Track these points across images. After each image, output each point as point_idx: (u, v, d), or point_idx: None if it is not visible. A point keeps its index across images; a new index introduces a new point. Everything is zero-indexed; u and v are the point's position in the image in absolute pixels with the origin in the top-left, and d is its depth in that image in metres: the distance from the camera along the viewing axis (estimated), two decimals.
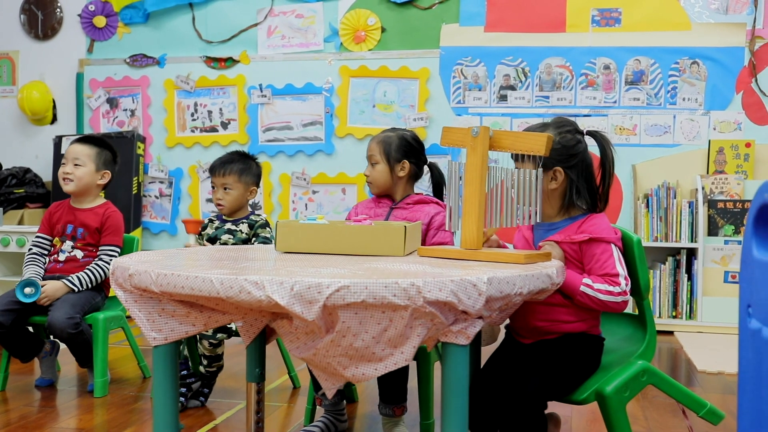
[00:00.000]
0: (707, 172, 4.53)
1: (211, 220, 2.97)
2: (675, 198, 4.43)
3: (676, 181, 4.54)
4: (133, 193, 5.17)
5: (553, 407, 2.65)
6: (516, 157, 1.92)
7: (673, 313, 4.43)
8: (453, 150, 4.47)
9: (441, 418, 1.50)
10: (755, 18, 4.52)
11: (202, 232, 2.94)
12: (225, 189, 2.89)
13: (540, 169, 1.79)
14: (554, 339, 1.92)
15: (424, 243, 2.43)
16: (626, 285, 1.83)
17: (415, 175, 2.56)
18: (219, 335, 2.69)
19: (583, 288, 1.81)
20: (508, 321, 2.05)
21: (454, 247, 1.89)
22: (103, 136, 5.17)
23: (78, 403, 2.81)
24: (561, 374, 1.84)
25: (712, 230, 4.38)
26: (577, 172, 1.91)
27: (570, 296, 1.84)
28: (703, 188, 4.41)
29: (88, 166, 2.97)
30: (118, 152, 3.15)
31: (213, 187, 2.93)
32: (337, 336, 1.39)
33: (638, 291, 1.97)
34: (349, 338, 1.39)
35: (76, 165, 2.96)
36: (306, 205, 5.11)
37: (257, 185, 2.97)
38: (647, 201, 4.48)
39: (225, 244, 2.84)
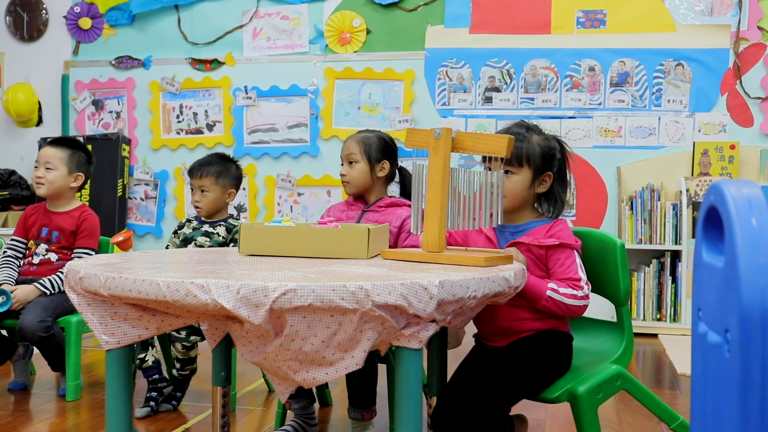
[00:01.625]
0: (692, 174, 4.52)
1: (188, 221, 2.95)
2: (659, 200, 4.42)
3: (660, 183, 4.52)
4: (118, 195, 5.15)
5: (530, 410, 2.64)
6: (484, 159, 1.92)
7: (657, 316, 4.41)
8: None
9: (395, 422, 1.49)
10: (740, 20, 4.51)
11: (178, 231, 2.92)
12: (202, 191, 2.87)
13: (502, 171, 1.78)
14: (523, 338, 1.92)
15: (395, 246, 2.41)
16: (588, 289, 1.84)
17: (390, 177, 2.55)
18: (192, 338, 2.67)
19: (549, 293, 1.82)
20: (475, 329, 2.05)
21: (417, 250, 1.88)
22: (87, 138, 5.17)
23: (50, 407, 2.78)
24: (530, 373, 1.84)
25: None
26: (555, 176, 1.95)
27: (534, 301, 1.84)
28: (687, 190, 4.40)
29: (60, 170, 2.95)
30: (102, 154, 3.13)
31: (191, 189, 2.92)
32: (286, 340, 1.37)
33: (618, 297, 1.96)
34: (298, 342, 1.37)
35: (48, 169, 2.94)
36: (291, 207, 5.10)
37: (236, 188, 2.95)
38: (631, 203, 4.47)
39: (201, 246, 2.82)
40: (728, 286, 1.06)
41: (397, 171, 2.56)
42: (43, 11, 5.51)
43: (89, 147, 5.15)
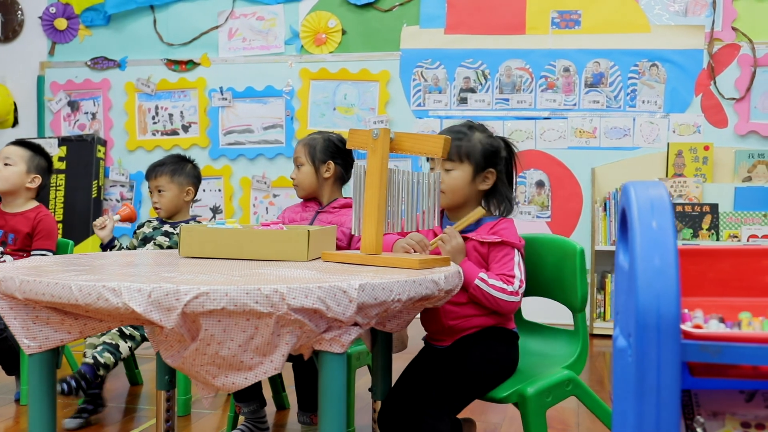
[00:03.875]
0: (666, 176, 4.50)
1: (149, 221, 2.93)
2: None
3: None
4: (93, 196, 5.12)
5: (488, 413, 2.62)
6: (429, 160, 1.92)
7: None
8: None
9: (318, 426, 1.46)
10: (714, 20, 4.50)
11: (137, 231, 2.90)
12: (159, 191, 2.86)
13: (438, 171, 1.76)
14: (468, 336, 1.91)
15: (349, 247, 2.39)
16: (519, 287, 1.84)
17: (341, 178, 2.53)
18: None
19: (477, 282, 1.82)
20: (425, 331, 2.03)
21: (356, 252, 1.85)
22: (62, 139, 5.14)
23: (4, 411, 2.75)
24: (474, 370, 1.83)
25: None
26: (501, 176, 1.95)
27: (464, 287, 1.83)
28: None
29: (18, 166, 2.92)
30: (77, 156, 3.11)
31: (150, 192, 2.90)
32: (202, 344, 1.34)
33: (575, 303, 1.94)
34: (214, 346, 1.35)
35: (6, 164, 2.91)
36: (267, 208, 5.07)
37: (194, 186, 2.93)
38: (605, 205, 4.45)
39: (160, 246, 2.80)
40: (630, 289, 1.04)
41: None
42: (19, 12, 5.48)
43: (64, 148, 5.18)
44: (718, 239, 4.25)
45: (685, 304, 1.26)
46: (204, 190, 5.14)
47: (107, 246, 2.82)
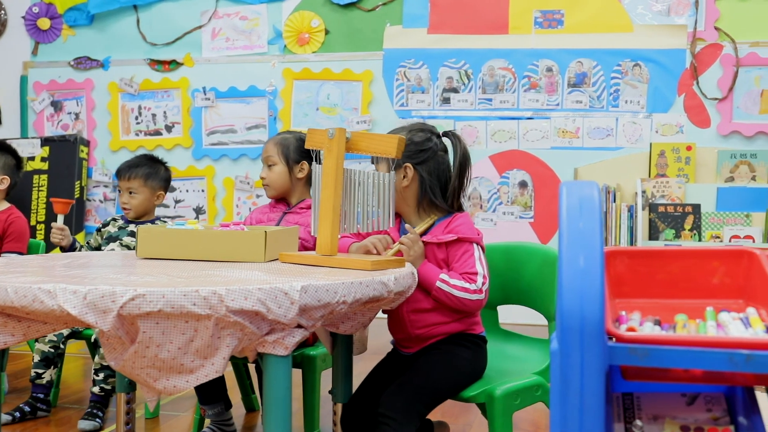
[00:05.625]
0: (649, 176, 4.49)
1: (114, 219, 2.90)
2: (615, 202, 4.38)
3: (616, 184, 4.49)
4: (76, 197, 5.09)
5: (461, 414, 2.60)
6: (373, 160, 1.89)
7: None
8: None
9: (263, 429, 1.44)
10: (696, 20, 4.48)
11: (102, 229, 2.87)
12: (130, 193, 2.82)
13: (393, 172, 1.74)
14: (435, 343, 1.89)
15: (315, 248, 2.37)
16: (483, 284, 1.81)
17: (312, 179, 2.50)
18: None
19: (438, 283, 1.80)
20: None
21: (312, 253, 1.84)
22: (45, 139, 5.12)
23: None
24: (440, 374, 1.81)
25: (653, 234, 4.33)
26: (429, 170, 1.89)
27: (427, 290, 1.82)
28: (644, 192, 4.36)
29: None
30: (59, 156, 3.06)
31: (119, 191, 2.87)
32: (140, 347, 1.33)
33: (551, 311, 1.93)
34: (153, 349, 1.33)
35: None
36: (250, 209, 5.04)
37: (165, 190, 2.90)
38: None
39: (127, 246, 2.78)
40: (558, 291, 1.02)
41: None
42: (2, 11, 5.45)
43: (47, 148, 5.15)
44: (700, 240, 4.24)
45: (629, 306, 1.25)
46: (187, 191, 5.12)
47: (68, 250, 2.79)
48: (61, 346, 2.72)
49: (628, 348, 0.98)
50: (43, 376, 2.66)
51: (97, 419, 2.57)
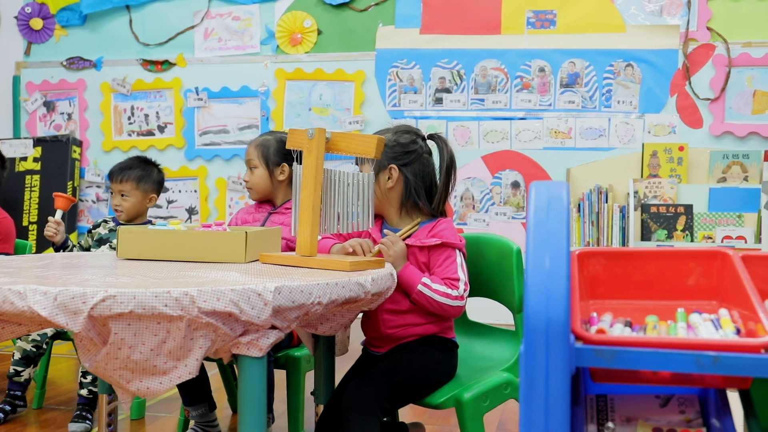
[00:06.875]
0: (641, 176, 4.48)
1: (105, 221, 2.89)
2: (607, 202, 4.38)
3: (609, 185, 4.48)
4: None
5: (437, 416, 2.58)
6: (357, 161, 1.88)
7: None
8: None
9: (238, 430, 1.43)
10: (689, 20, 4.48)
11: (93, 231, 2.86)
12: (122, 195, 2.80)
13: (372, 173, 1.73)
14: (405, 344, 1.88)
15: None
16: (464, 290, 1.80)
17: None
18: None
19: (420, 287, 1.79)
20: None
21: (292, 254, 1.83)
22: (37, 140, 5.11)
23: None
24: (407, 376, 1.80)
25: (645, 234, 4.32)
26: (414, 172, 1.88)
27: (408, 293, 1.81)
28: (636, 192, 4.36)
29: None
30: (52, 156, 3.04)
31: (111, 192, 2.86)
32: (112, 348, 1.32)
33: (514, 304, 1.91)
34: (125, 350, 1.32)
35: None
36: None
37: (158, 192, 2.88)
38: (579, 205, 4.43)
39: (116, 249, 2.76)
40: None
41: None
42: None
43: (39, 149, 5.14)
44: (692, 240, 4.23)
45: (603, 307, 1.24)
46: (180, 191, 5.11)
47: (60, 247, 2.78)
48: (44, 346, 2.70)
49: (595, 350, 0.97)
50: (21, 374, 2.65)
51: (87, 421, 2.56)
